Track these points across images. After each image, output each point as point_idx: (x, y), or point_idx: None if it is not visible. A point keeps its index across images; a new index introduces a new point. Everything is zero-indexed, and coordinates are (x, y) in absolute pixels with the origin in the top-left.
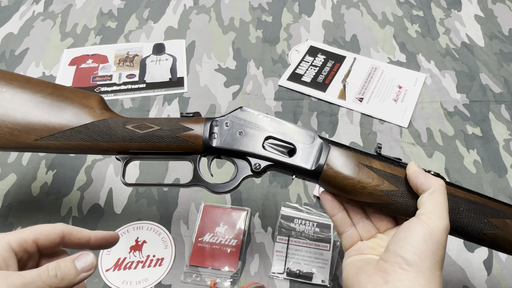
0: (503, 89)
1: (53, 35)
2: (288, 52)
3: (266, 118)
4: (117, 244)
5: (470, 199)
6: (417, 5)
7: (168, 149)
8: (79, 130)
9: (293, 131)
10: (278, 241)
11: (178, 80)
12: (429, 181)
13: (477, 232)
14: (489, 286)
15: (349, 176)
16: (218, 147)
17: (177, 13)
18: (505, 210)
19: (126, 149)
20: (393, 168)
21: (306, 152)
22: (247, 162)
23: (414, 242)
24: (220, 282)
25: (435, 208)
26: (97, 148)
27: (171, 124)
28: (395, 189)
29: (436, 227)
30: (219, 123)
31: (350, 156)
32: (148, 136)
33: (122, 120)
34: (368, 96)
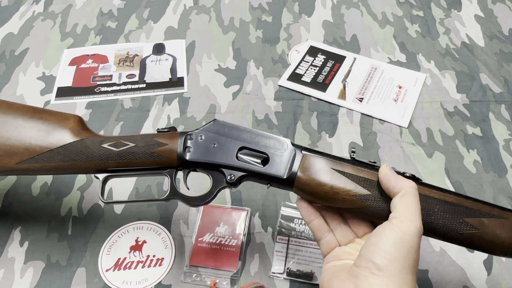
0: (503, 89)
1: (53, 35)
2: (288, 52)
3: (239, 129)
4: (117, 244)
5: (445, 199)
6: (417, 5)
7: (144, 165)
8: (58, 151)
9: (266, 140)
10: (278, 241)
11: (178, 80)
12: (400, 183)
13: (453, 232)
14: (489, 286)
15: (322, 182)
16: (192, 160)
17: (177, 13)
18: (481, 209)
19: (104, 167)
20: (366, 172)
21: (279, 161)
22: (222, 174)
23: (384, 246)
24: (220, 282)
25: (406, 211)
26: (76, 168)
27: (146, 140)
28: (368, 193)
29: (408, 230)
30: (193, 137)
31: (323, 162)
32: (124, 154)
33: (99, 139)
34: (368, 96)
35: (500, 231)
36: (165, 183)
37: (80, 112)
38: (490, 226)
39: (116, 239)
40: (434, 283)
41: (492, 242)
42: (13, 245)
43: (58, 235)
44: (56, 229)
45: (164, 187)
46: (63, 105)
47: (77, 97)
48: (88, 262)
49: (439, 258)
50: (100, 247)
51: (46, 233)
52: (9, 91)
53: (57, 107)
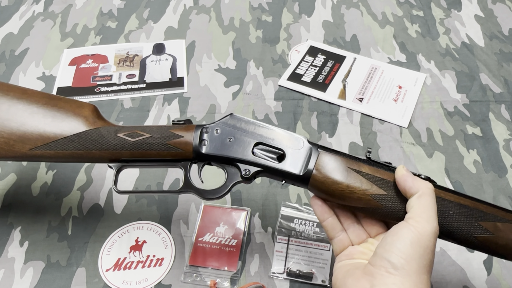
0: (503, 89)
1: (53, 35)
2: (288, 52)
3: (255, 124)
4: (117, 244)
5: (460, 202)
6: (417, 5)
7: (159, 156)
8: (72, 139)
9: (283, 137)
10: (278, 241)
11: (178, 80)
12: (417, 184)
13: (467, 235)
14: (489, 286)
15: (338, 181)
16: (208, 153)
17: (177, 13)
18: (496, 213)
19: (118, 157)
20: (382, 172)
21: (295, 157)
22: (237, 168)
23: (401, 246)
24: (220, 282)
25: (423, 212)
26: (90, 156)
27: (161, 131)
28: (384, 193)
29: (424, 231)
30: (209, 130)
31: (339, 161)
32: (139, 144)
33: (114, 129)
34: (368, 96)
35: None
36: (166, 182)
37: None
38: (504, 231)
39: (116, 239)
40: (434, 283)
41: (506, 247)
42: (13, 245)
43: (58, 235)
44: (56, 229)
45: (165, 186)
46: None
47: (77, 97)
48: (88, 262)
49: (439, 258)
50: (100, 247)
51: (46, 233)
52: None
53: None
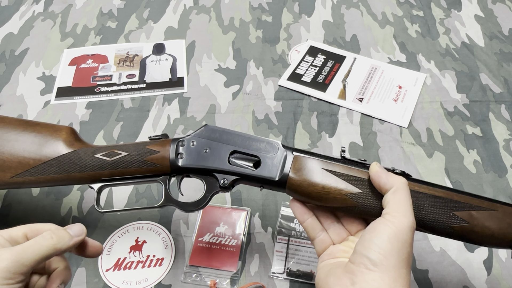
0: (503, 89)
1: (53, 35)
2: (288, 52)
3: (230, 133)
4: (117, 244)
5: (434, 194)
6: (417, 5)
7: (138, 173)
8: (52, 163)
9: (257, 143)
10: (278, 241)
11: (178, 80)
12: (391, 180)
13: (444, 226)
14: (489, 286)
15: (314, 183)
16: (185, 166)
17: (177, 13)
18: (470, 202)
19: (98, 177)
20: (357, 171)
21: (271, 163)
22: (215, 179)
23: (379, 242)
24: (220, 282)
25: (399, 207)
26: (70, 179)
27: (138, 149)
28: (359, 192)
29: (401, 225)
30: (185, 143)
31: (314, 163)
32: (117, 163)
33: (92, 150)
34: (368, 96)
35: (489, 223)
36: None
37: (80, 112)
38: (479, 219)
39: (116, 239)
40: (434, 283)
41: (482, 235)
42: None
43: None
44: None
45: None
46: (63, 105)
47: (77, 97)
48: (88, 262)
49: (439, 258)
50: None
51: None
52: (9, 91)
53: (57, 107)
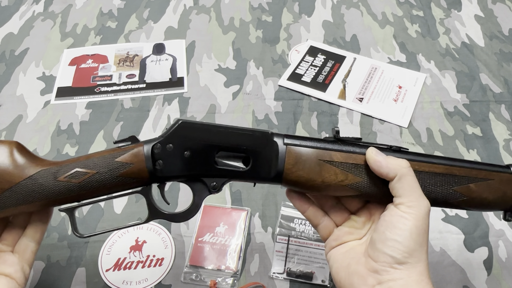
0: (503, 89)
1: (53, 35)
2: (288, 52)
3: (210, 128)
4: (117, 244)
5: (435, 171)
6: (417, 5)
7: (112, 191)
8: (7, 195)
9: (244, 136)
10: (278, 241)
11: (178, 80)
12: (392, 167)
13: (444, 202)
14: (489, 286)
15: (312, 178)
16: (166, 175)
17: (177, 13)
18: (468, 174)
19: (68, 201)
20: (355, 157)
21: (263, 159)
22: (203, 183)
23: (401, 239)
24: (220, 282)
25: (410, 194)
26: (37, 207)
27: (107, 163)
28: (360, 180)
29: (419, 214)
30: (160, 148)
31: (310, 155)
32: (87, 184)
33: (51, 171)
34: (368, 96)
35: (486, 194)
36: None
37: (80, 112)
38: (477, 191)
39: (116, 239)
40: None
41: (479, 205)
42: None
43: (58, 235)
44: (56, 229)
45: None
46: (63, 105)
47: (77, 97)
48: (88, 262)
49: (439, 258)
50: (100, 247)
51: (46, 233)
52: (9, 91)
53: (57, 107)
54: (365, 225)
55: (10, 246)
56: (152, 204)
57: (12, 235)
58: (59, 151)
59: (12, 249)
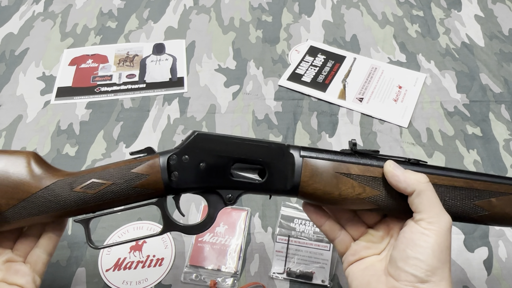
0: (503, 89)
1: (53, 35)
2: (288, 52)
3: (226, 140)
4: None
5: (454, 184)
6: (417, 5)
7: (128, 202)
8: (23, 205)
9: (259, 148)
10: (278, 241)
11: (178, 80)
12: (411, 182)
13: (464, 218)
14: (489, 286)
15: (329, 190)
16: (181, 187)
17: (177, 13)
18: (489, 188)
19: (82, 212)
20: (373, 170)
21: (278, 170)
22: (218, 195)
23: (423, 257)
24: (220, 282)
25: (431, 210)
26: (52, 217)
27: (123, 174)
28: (377, 194)
29: (441, 230)
30: (176, 159)
31: (326, 167)
32: (102, 195)
33: (68, 182)
34: (368, 96)
35: (509, 209)
36: None
37: (80, 112)
38: (499, 206)
39: (116, 239)
40: None
41: (501, 220)
42: None
43: None
44: None
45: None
46: (63, 105)
47: (77, 97)
48: (88, 262)
49: None
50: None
51: None
52: (9, 91)
53: (57, 107)
54: (384, 240)
55: (22, 257)
56: (167, 216)
57: (24, 246)
58: (59, 151)
59: (24, 260)
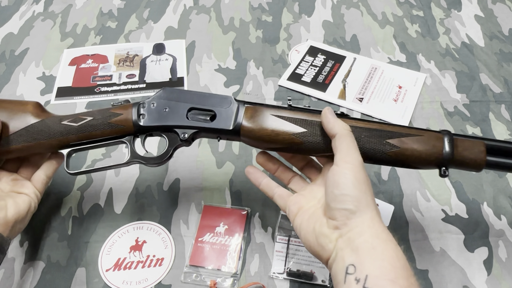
0: (503, 89)
1: (53, 35)
2: (288, 52)
3: (186, 93)
4: (117, 244)
5: (370, 127)
6: (417, 5)
7: (103, 136)
8: (21, 133)
9: (212, 99)
10: (278, 241)
11: (178, 80)
12: (337, 126)
13: (380, 153)
14: (489, 286)
15: (264, 127)
16: (147, 125)
17: (177, 13)
18: (400, 131)
19: (66, 142)
20: (302, 114)
21: (225, 115)
22: (176, 134)
23: (347, 191)
24: (220, 282)
25: (347, 150)
26: (40, 146)
27: (102, 113)
28: (304, 131)
29: (355, 167)
30: (145, 105)
31: (263, 111)
32: (83, 127)
33: (58, 118)
34: (368, 96)
35: (417, 145)
36: (165, 182)
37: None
38: (409, 143)
39: (116, 239)
40: (434, 283)
41: (412, 156)
42: (13, 245)
43: (58, 235)
44: (56, 229)
45: (164, 186)
46: (63, 105)
47: (77, 97)
48: (88, 262)
49: (439, 258)
50: (100, 247)
51: (46, 233)
52: (9, 91)
53: (57, 107)
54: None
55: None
56: (134, 151)
57: (27, 170)
58: None
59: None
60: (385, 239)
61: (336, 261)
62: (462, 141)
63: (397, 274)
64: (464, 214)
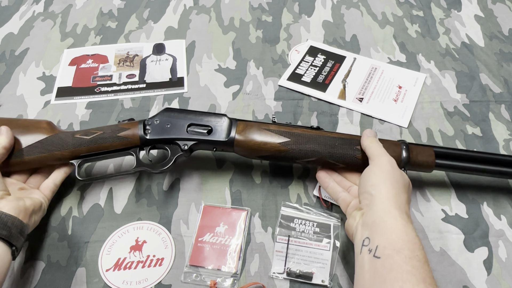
0: (503, 89)
1: (53, 35)
2: (288, 52)
3: (186, 112)
4: (117, 244)
5: (341, 137)
6: (417, 5)
7: (112, 147)
8: (36, 145)
9: (209, 117)
10: (278, 241)
11: (178, 80)
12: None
13: (351, 157)
14: (489, 286)
15: (254, 139)
16: (152, 138)
17: (177, 13)
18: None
19: (77, 154)
20: (285, 127)
21: (220, 129)
22: (177, 145)
23: (368, 178)
24: (220, 282)
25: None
26: (52, 157)
27: (112, 127)
28: (288, 140)
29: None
30: (150, 122)
31: (253, 126)
32: (94, 140)
33: (71, 132)
34: (368, 96)
35: None
36: (165, 183)
37: (80, 112)
38: None
39: (116, 239)
40: None
41: None
42: None
43: (58, 235)
44: (56, 229)
45: (164, 186)
46: (63, 105)
47: (77, 97)
48: (88, 262)
49: (439, 258)
50: (100, 247)
51: (46, 233)
52: (9, 91)
53: (57, 107)
54: None
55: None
56: (139, 159)
57: (36, 180)
58: None
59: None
60: (396, 216)
61: (356, 235)
62: (415, 147)
63: (403, 246)
64: (464, 214)
